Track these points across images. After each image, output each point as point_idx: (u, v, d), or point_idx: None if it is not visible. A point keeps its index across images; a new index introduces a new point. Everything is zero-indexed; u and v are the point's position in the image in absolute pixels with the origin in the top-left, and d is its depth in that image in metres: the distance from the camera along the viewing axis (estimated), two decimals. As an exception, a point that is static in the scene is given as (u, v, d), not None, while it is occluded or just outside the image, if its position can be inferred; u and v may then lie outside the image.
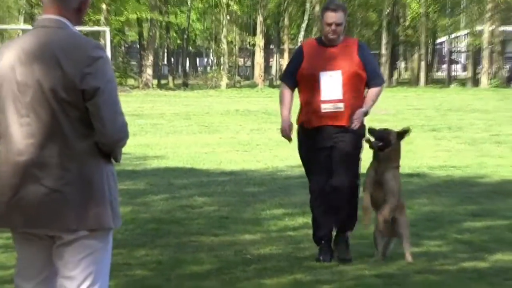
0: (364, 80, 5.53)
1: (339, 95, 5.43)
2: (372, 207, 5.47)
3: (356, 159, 5.56)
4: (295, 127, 5.69)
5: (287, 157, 10.75)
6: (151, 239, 6.18)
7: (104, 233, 2.78)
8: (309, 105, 5.56)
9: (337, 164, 5.48)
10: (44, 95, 2.67)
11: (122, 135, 2.77)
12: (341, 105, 5.43)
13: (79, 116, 2.69)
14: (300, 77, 5.58)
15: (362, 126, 5.52)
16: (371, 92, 5.58)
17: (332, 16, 5.43)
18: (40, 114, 2.68)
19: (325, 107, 5.44)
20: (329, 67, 5.47)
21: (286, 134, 5.68)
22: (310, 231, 5.77)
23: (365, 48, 5.85)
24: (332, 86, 5.42)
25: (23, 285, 2.89)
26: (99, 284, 2.81)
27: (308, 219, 6.07)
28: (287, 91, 5.69)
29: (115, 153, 2.81)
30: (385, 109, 19.78)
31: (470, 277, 5.08)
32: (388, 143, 5.42)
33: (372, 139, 5.44)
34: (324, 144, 5.51)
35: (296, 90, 5.71)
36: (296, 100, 5.64)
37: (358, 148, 5.57)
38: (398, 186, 5.46)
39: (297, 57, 5.76)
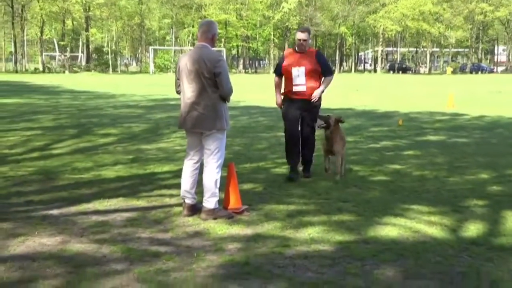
0: (319, 72, 8.68)
1: (303, 82, 8.59)
2: (325, 154, 8.96)
3: (314, 118, 8.66)
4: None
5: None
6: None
7: (222, 131, 6.49)
8: (287, 87, 8.74)
9: (304, 121, 8.71)
10: (198, 75, 6.38)
11: (229, 92, 6.49)
12: (304, 87, 8.59)
13: (212, 83, 6.37)
14: (283, 71, 8.76)
15: (320, 99, 8.71)
16: (325, 79, 8.76)
17: (300, 35, 8.59)
18: (197, 82, 6.40)
19: (295, 89, 8.65)
20: (298, 65, 8.59)
21: (278, 105, 8.96)
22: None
23: (320, 54, 8.88)
24: (299, 76, 8.59)
25: (189, 152, 6.67)
26: (220, 153, 6.56)
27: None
28: (277, 80, 8.96)
29: (227, 99, 6.56)
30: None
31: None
32: (328, 125, 8.71)
33: (320, 122, 8.68)
34: (295, 109, 8.64)
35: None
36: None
37: (316, 112, 8.70)
38: (342, 149, 8.87)
39: (281, 59, 9.00)
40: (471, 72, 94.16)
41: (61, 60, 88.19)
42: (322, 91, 8.75)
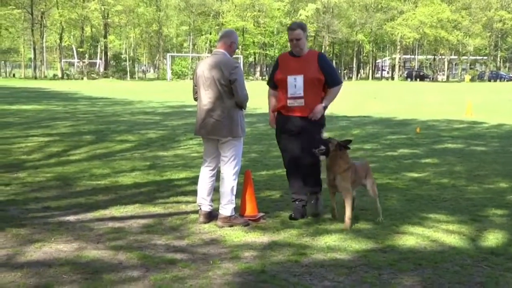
0: (322, 82, 6.69)
1: (301, 93, 6.66)
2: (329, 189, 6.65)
3: (314, 141, 6.56)
4: None
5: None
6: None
7: (238, 138, 6.48)
8: (281, 101, 6.81)
9: (303, 145, 6.68)
10: (214, 82, 6.36)
11: (244, 99, 6.45)
12: (302, 101, 6.66)
13: (228, 90, 6.36)
14: (276, 80, 6.87)
15: (323, 116, 6.75)
16: (329, 91, 6.78)
17: (291, 34, 6.71)
18: (213, 89, 6.38)
19: (290, 103, 6.71)
20: (294, 72, 6.67)
21: (271, 126, 7.21)
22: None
23: (323, 58, 6.83)
24: (296, 87, 6.66)
25: (206, 159, 6.66)
26: (237, 160, 6.55)
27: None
28: (271, 93, 7.05)
29: (243, 106, 6.52)
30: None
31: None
32: (327, 151, 6.48)
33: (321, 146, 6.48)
34: (291, 129, 6.77)
35: None
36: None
37: (317, 133, 6.61)
38: (348, 185, 6.43)
39: (274, 66, 7.08)
40: (489, 80, 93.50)
41: (79, 67, 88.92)
42: (325, 107, 6.78)
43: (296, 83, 6.66)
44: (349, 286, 4.65)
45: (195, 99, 6.70)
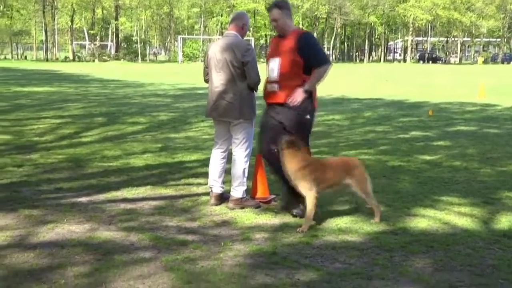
0: (301, 65, 5.97)
1: (275, 77, 6.10)
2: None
3: (294, 130, 5.96)
4: None
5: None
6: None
7: (250, 120, 6.45)
8: (265, 84, 6.34)
9: (277, 133, 5.99)
10: (227, 64, 6.32)
11: (257, 81, 6.40)
12: (276, 85, 6.09)
13: (241, 72, 6.32)
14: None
15: (304, 101, 5.95)
16: (313, 72, 5.98)
17: (269, 15, 6.27)
18: (225, 71, 6.34)
19: (268, 87, 6.25)
20: (274, 55, 6.20)
21: None
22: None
23: (305, 39, 6.09)
24: (273, 71, 6.14)
25: (217, 141, 6.63)
26: (248, 142, 6.52)
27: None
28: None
29: (255, 88, 6.49)
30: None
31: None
32: (278, 150, 5.87)
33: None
34: (270, 116, 6.20)
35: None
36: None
37: (298, 121, 5.99)
38: (305, 184, 5.71)
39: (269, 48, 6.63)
40: (502, 62, 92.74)
41: (90, 49, 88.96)
42: (307, 91, 5.99)
43: (274, 67, 6.14)
44: (361, 268, 4.64)
45: (206, 81, 6.68)
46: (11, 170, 8.11)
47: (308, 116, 6.06)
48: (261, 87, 6.46)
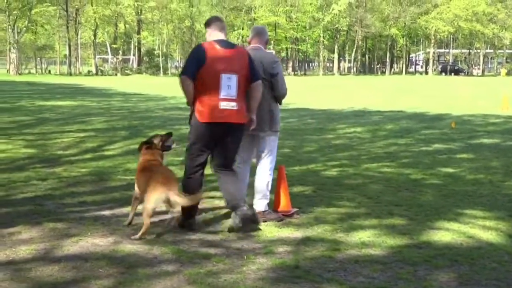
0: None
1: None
2: None
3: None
4: None
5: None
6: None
7: (276, 132, 6.49)
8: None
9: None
10: None
11: (284, 93, 6.45)
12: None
13: (269, 85, 6.35)
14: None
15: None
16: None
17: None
18: None
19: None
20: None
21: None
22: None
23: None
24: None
25: (241, 154, 6.61)
26: (273, 156, 6.54)
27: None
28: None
29: (280, 100, 6.52)
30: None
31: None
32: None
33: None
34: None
35: None
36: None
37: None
38: (136, 187, 6.20)
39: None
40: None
41: (113, 63, 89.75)
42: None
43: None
44: (384, 282, 4.62)
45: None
46: (35, 184, 8.19)
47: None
48: (288, 99, 6.48)
